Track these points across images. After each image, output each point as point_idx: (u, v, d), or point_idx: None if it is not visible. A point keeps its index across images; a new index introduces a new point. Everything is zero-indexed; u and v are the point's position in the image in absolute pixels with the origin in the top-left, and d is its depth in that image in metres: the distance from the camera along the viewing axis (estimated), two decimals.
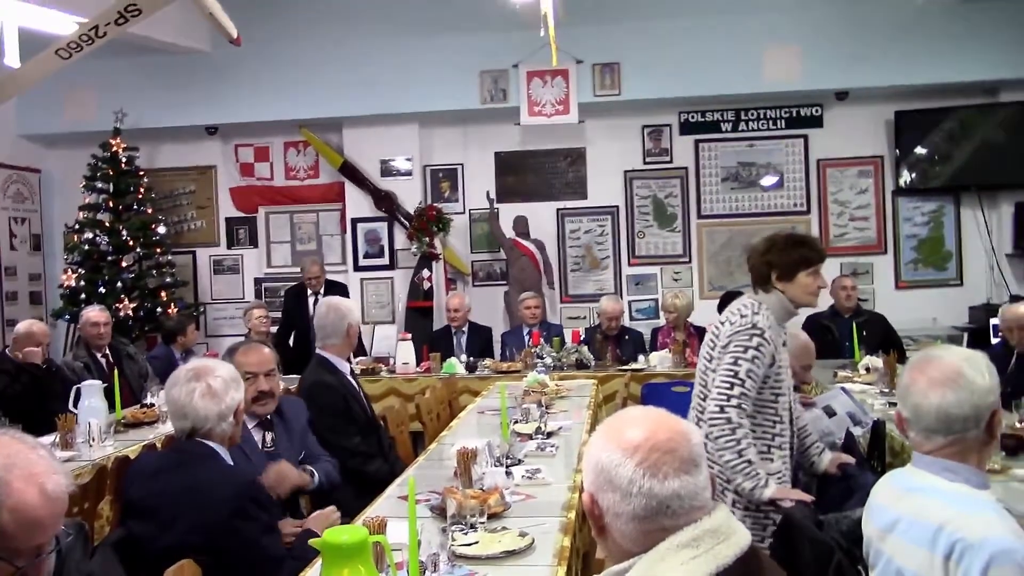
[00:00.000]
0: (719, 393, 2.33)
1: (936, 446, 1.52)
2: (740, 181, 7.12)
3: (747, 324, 2.39)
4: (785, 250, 2.46)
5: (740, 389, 2.31)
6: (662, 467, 1.08)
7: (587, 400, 4.22)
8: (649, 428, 1.12)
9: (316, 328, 3.37)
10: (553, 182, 7.30)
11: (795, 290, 2.46)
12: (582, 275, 7.27)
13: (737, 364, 2.34)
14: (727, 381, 2.33)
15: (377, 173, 7.16)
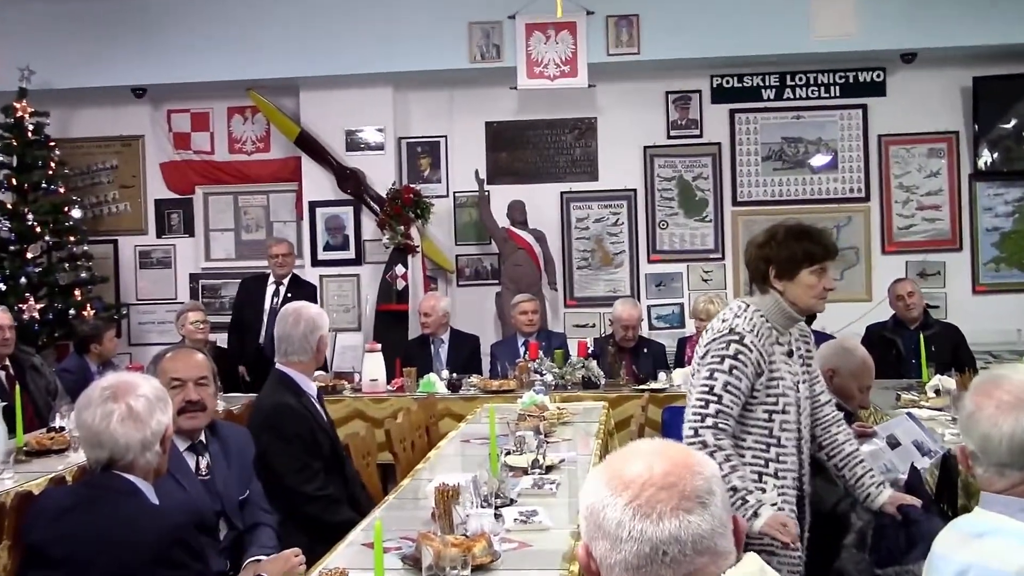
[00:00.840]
0: (693, 413, 2.40)
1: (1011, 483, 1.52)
2: (785, 160, 7.14)
3: (723, 329, 2.45)
4: (785, 243, 2.52)
5: (716, 406, 2.37)
6: (656, 505, 1.08)
7: (596, 427, 4.22)
8: (646, 462, 1.12)
9: (277, 338, 3.32)
10: (557, 160, 7.31)
11: (796, 291, 2.51)
12: (591, 273, 7.28)
13: (712, 377, 2.40)
14: (701, 398, 2.39)
15: (341, 147, 7.16)
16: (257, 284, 6.42)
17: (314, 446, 3.19)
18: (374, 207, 7.04)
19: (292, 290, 6.28)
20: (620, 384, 5.39)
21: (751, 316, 2.49)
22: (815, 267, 2.50)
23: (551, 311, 7.06)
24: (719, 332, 2.46)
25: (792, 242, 2.51)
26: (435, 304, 6.03)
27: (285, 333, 3.29)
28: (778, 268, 2.51)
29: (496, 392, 5.24)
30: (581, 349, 5.54)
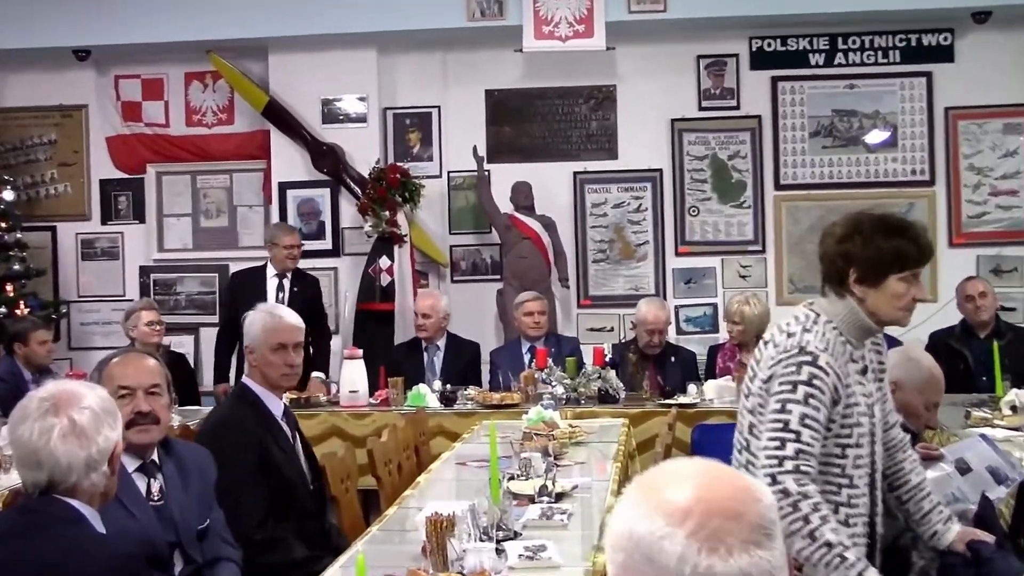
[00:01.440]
0: (768, 457, 2.29)
1: None
2: (836, 137, 7.14)
3: (792, 347, 2.35)
4: (872, 239, 2.40)
5: (795, 445, 2.27)
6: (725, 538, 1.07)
7: (614, 448, 4.21)
8: (701, 484, 1.12)
9: (246, 344, 3.40)
10: (569, 134, 7.31)
11: (880, 300, 2.41)
12: (609, 268, 7.29)
13: (785, 410, 2.30)
14: (776, 436, 2.28)
15: (317, 118, 7.16)
16: (254, 279, 6.26)
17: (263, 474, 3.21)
18: (355, 189, 7.04)
19: (297, 284, 6.26)
20: (643, 398, 5.39)
21: (823, 330, 2.40)
22: (906, 273, 2.39)
23: (562, 312, 7.06)
24: (787, 351, 2.35)
25: (880, 239, 2.39)
26: (435, 304, 6.04)
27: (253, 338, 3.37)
28: (861, 270, 2.40)
29: (497, 407, 5.24)
30: (597, 357, 5.54)
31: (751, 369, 2.47)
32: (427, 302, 6.06)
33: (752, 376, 2.44)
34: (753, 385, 2.43)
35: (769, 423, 2.31)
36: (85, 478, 2.10)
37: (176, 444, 2.90)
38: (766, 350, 2.42)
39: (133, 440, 2.68)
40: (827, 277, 2.48)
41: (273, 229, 6.45)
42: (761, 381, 2.39)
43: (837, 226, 2.48)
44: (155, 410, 2.73)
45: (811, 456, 2.28)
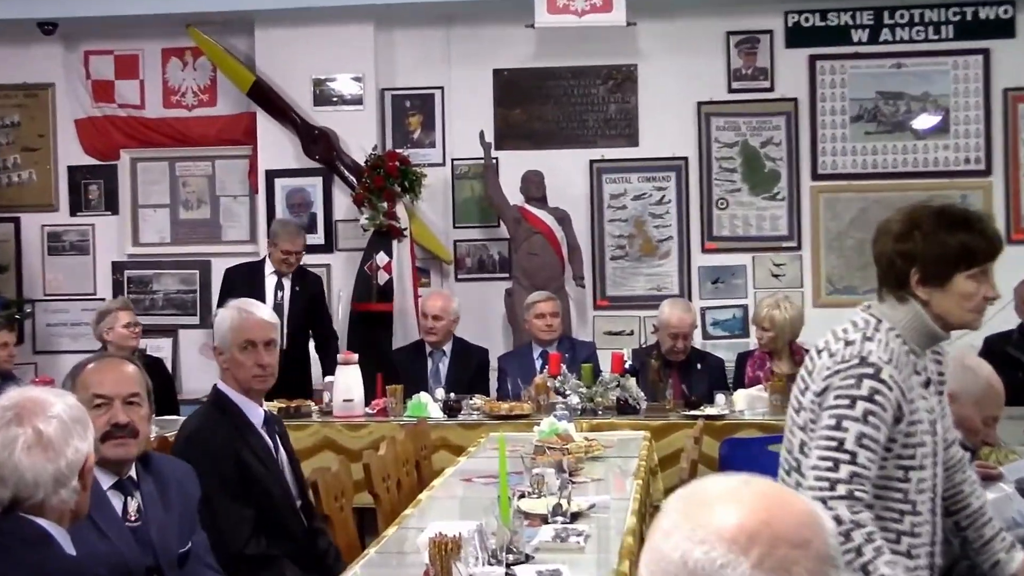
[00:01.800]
0: (818, 478, 2.26)
1: None
2: (881, 122, 7.12)
3: (851, 357, 2.32)
4: (934, 235, 2.37)
5: (849, 468, 2.24)
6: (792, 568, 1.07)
7: (634, 464, 4.21)
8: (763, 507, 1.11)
9: (215, 345, 3.43)
10: (585, 119, 7.30)
11: (947, 302, 2.38)
12: (629, 266, 7.28)
13: (841, 427, 2.27)
14: (828, 457, 2.26)
15: (308, 100, 7.17)
16: (250, 276, 6.28)
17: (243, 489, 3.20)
18: (349, 178, 7.05)
19: (298, 283, 6.29)
20: (666, 409, 5.39)
21: (886, 338, 2.35)
22: (975, 270, 2.36)
23: (576, 314, 7.06)
24: (845, 362, 2.31)
25: (943, 234, 2.35)
26: (446, 305, 6.04)
27: None
28: (924, 270, 2.36)
29: (506, 417, 5.24)
30: (615, 363, 5.53)
31: (801, 380, 2.43)
32: (438, 303, 6.05)
33: (803, 388, 2.41)
34: (804, 399, 2.39)
35: (821, 441, 2.27)
36: (53, 494, 2.09)
37: (156, 459, 2.89)
38: (820, 359, 2.38)
39: (109, 455, 2.67)
40: (885, 280, 2.44)
41: (275, 227, 6.46)
42: (814, 394, 2.35)
43: (893, 222, 2.44)
44: (133, 422, 2.72)
45: (866, 480, 2.25)
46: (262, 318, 3.44)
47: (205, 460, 3.13)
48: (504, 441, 3.13)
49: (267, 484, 3.28)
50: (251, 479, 3.24)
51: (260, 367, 3.37)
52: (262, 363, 3.37)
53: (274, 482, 3.31)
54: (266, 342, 3.39)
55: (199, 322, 7.41)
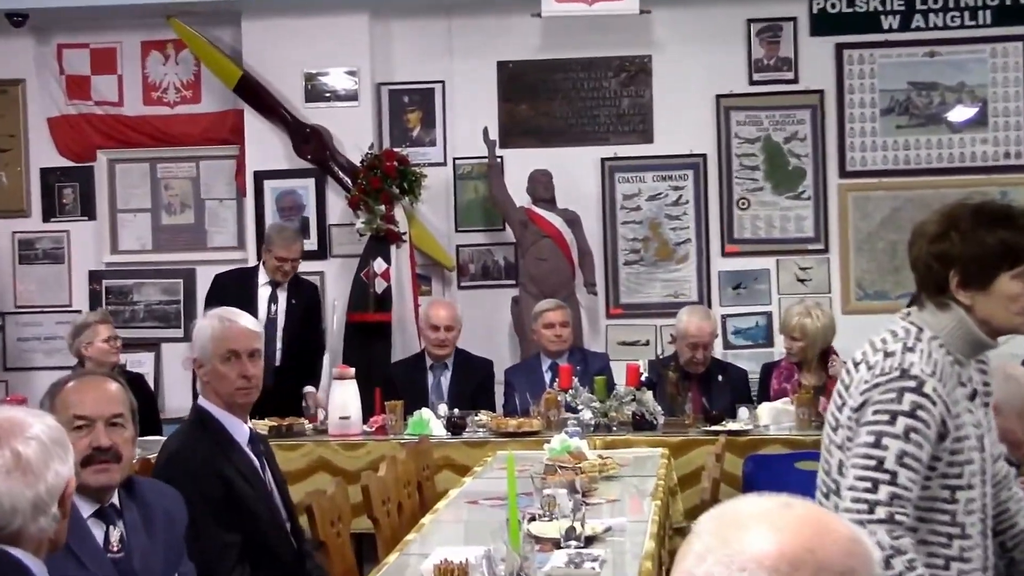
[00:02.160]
0: (856, 500, 2.25)
1: None
2: (913, 114, 7.11)
3: (892, 370, 2.30)
4: (973, 234, 2.36)
5: (890, 489, 2.23)
6: None
7: (652, 483, 4.21)
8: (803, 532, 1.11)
9: (194, 357, 3.44)
10: (596, 114, 7.31)
11: (991, 305, 2.36)
12: (644, 271, 7.27)
13: (880, 445, 2.26)
14: (867, 477, 2.25)
15: (299, 96, 7.18)
16: (242, 284, 6.24)
17: (228, 513, 3.20)
18: (344, 179, 7.05)
19: (295, 295, 6.25)
20: (685, 424, 5.38)
21: (928, 348, 2.34)
22: (1019, 269, 2.34)
23: (588, 323, 7.05)
24: (885, 374, 2.30)
25: (983, 232, 2.34)
26: (454, 314, 6.07)
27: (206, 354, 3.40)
28: (964, 272, 2.35)
29: (514, 435, 5.25)
30: (631, 375, 5.53)
31: (838, 396, 2.41)
32: (446, 312, 6.07)
33: (840, 404, 2.39)
34: (842, 415, 2.37)
35: (859, 459, 2.26)
36: (32, 522, 2.08)
37: (141, 485, 2.87)
38: (857, 372, 2.37)
39: (90, 481, 2.66)
40: (923, 285, 2.43)
41: (270, 232, 6.46)
42: (851, 410, 2.33)
43: (929, 223, 2.44)
44: (117, 445, 2.70)
45: (907, 502, 2.24)
46: (245, 327, 3.43)
47: (187, 481, 3.12)
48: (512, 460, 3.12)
49: (253, 505, 3.27)
50: (236, 500, 3.23)
51: (244, 379, 3.36)
52: (246, 374, 3.36)
53: (261, 503, 3.30)
54: (250, 352, 3.39)
55: (183, 335, 7.37)
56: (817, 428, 5.18)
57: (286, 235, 6.34)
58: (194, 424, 3.38)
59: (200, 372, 3.40)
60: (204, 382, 3.40)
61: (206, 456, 3.25)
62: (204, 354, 3.38)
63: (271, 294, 6.22)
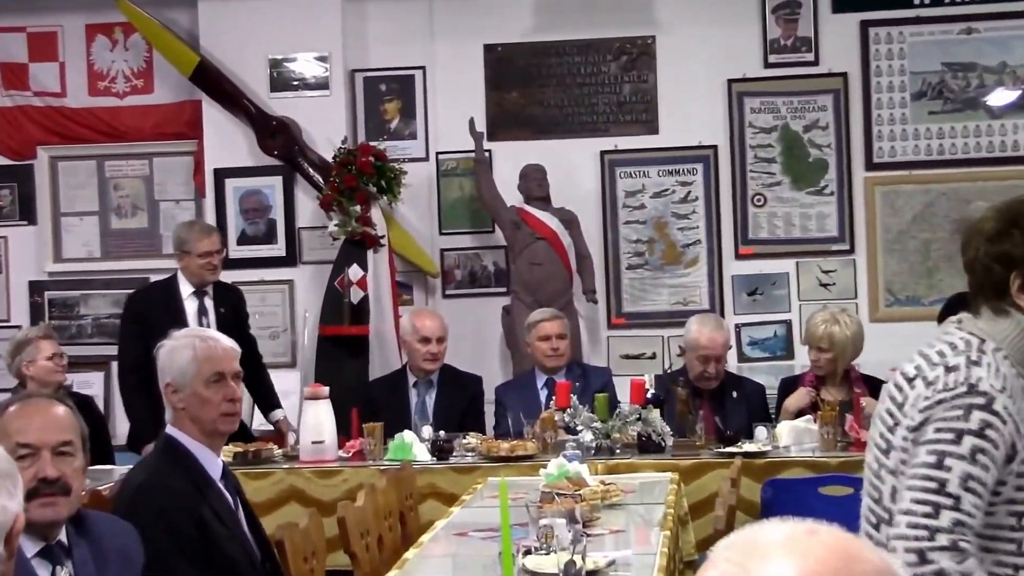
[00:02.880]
0: (913, 525, 2.25)
1: None
2: (948, 99, 7.15)
3: (957, 385, 2.31)
4: None
5: (953, 514, 2.23)
6: None
7: (660, 511, 4.22)
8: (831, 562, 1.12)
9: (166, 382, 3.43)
10: (594, 102, 7.34)
11: None
12: (649, 276, 7.31)
13: (943, 467, 2.26)
14: (927, 501, 2.25)
15: (264, 85, 7.20)
16: (165, 297, 6.06)
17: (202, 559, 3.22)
18: (315, 177, 7.07)
19: (223, 303, 6.13)
20: (697, 445, 5.39)
21: (994, 361, 2.33)
22: None
23: (588, 334, 7.07)
24: (949, 390, 2.30)
25: None
26: (442, 324, 6.08)
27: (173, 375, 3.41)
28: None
29: (506, 459, 5.24)
30: (635, 392, 5.54)
31: (888, 416, 2.40)
32: (433, 322, 6.07)
33: (892, 424, 2.38)
34: (895, 436, 2.36)
35: (918, 481, 2.24)
36: None
37: (92, 520, 2.87)
38: (913, 389, 2.35)
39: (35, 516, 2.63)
40: (980, 289, 2.44)
41: (179, 232, 6.17)
42: (908, 429, 2.33)
43: (986, 220, 2.44)
44: (65, 476, 2.70)
45: (970, 530, 2.24)
46: (229, 346, 3.48)
47: (158, 521, 3.14)
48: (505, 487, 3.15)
49: (230, 548, 3.29)
50: (212, 543, 3.24)
51: (231, 403, 3.39)
52: (234, 397, 3.40)
53: (237, 545, 3.32)
54: (234, 374, 3.43)
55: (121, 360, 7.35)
56: (843, 449, 5.23)
57: (199, 227, 6.24)
58: (164, 455, 3.37)
59: (175, 399, 3.39)
60: (178, 409, 3.39)
61: (180, 493, 3.25)
62: (183, 378, 3.37)
63: (199, 306, 6.05)
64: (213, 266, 6.06)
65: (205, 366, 3.38)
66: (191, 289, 6.06)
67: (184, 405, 3.38)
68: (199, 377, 3.37)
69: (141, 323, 5.94)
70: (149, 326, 5.74)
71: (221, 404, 3.38)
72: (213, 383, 3.38)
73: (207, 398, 3.36)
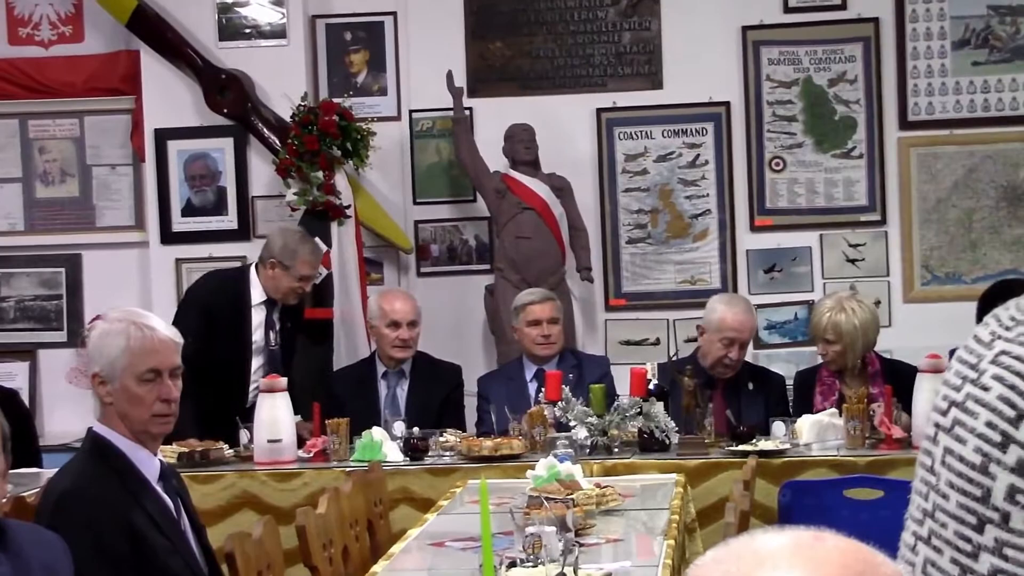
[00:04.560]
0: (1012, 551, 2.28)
1: None
2: (994, 47, 7.16)
3: None
4: None
5: None
6: None
7: (664, 517, 4.24)
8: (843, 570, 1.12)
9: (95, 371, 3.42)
10: (590, 53, 7.34)
11: None
12: (652, 251, 7.32)
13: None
14: None
15: (211, 33, 7.18)
16: (235, 296, 6.03)
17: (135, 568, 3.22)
18: (271, 139, 7.06)
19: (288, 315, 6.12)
20: (706, 443, 5.39)
21: None
22: None
23: (582, 318, 7.08)
24: None
25: None
26: (416, 307, 6.09)
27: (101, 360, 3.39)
28: None
29: (489, 459, 5.26)
30: (636, 383, 5.54)
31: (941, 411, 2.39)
32: (404, 304, 6.08)
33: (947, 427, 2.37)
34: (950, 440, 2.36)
35: None
36: None
37: (14, 530, 2.85)
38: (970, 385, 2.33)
39: None
40: None
41: (291, 240, 6.04)
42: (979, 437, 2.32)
43: None
44: None
45: None
46: (168, 337, 3.43)
47: (84, 532, 3.14)
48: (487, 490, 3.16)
49: (170, 562, 3.28)
50: (148, 556, 3.24)
51: (165, 403, 3.37)
52: (169, 397, 3.37)
53: (177, 557, 3.32)
54: (172, 370, 3.40)
55: (67, 339, 7.39)
56: (872, 447, 5.23)
57: (312, 247, 6.13)
58: (91, 456, 3.36)
59: (102, 391, 3.36)
60: (106, 403, 3.37)
61: (109, 500, 3.25)
62: (111, 369, 3.35)
63: (266, 317, 6.06)
64: (304, 291, 6.14)
65: (138, 359, 3.35)
66: (262, 297, 6.06)
67: (112, 400, 3.36)
68: (130, 371, 3.34)
69: (206, 318, 5.95)
70: (214, 325, 5.89)
71: (154, 405, 3.35)
72: (146, 380, 3.34)
73: (139, 396, 3.34)
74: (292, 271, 5.97)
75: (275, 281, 5.99)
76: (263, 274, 6.02)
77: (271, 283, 6.01)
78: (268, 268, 6.00)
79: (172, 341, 3.45)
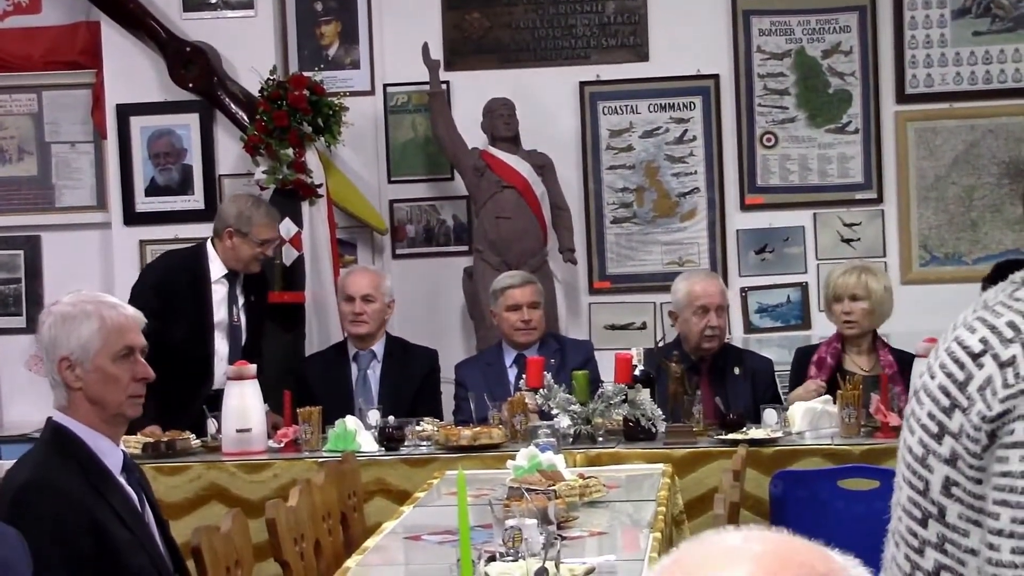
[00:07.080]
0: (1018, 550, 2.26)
1: None
2: (997, 16, 7.17)
3: None
4: None
5: None
6: None
7: (650, 509, 4.25)
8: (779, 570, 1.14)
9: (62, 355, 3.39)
10: (572, 23, 7.33)
11: None
12: (638, 231, 7.33)
13: None
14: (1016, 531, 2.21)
15: (175, 4, 7.15)
16: (192, 274, 6.05)
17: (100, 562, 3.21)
18: (238, 115, 7.05)
19: (250, 289, 6.13)
20: (694, 431, 5.40)
21: None
22: None
23: (565, 302, 7.08)
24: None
25: None
26: (376, 282, 6.07)
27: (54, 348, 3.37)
28: None
29: (467, 449, 5.27)
30: (621, 369, 5.55)
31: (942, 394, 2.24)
32: (363, 279, 6.08)
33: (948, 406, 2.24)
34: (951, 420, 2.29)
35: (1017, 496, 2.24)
36: None
37: None
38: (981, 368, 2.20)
39: None
40: None
41: (244, 206, 6.07)
42: (980, 418, 2.28)
43: None
44: None
45: None
46: (132, 314, 3.45)
47: (46, 526, 3.14)
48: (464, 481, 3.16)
49: (134, 557, 3.28)
50: (112, 551, 3.23)
51: (141, 383, 3.38)
52: (145, 376, 3.39)
53: (142, 553, 3.31)
54: (143, 348, 3.42)
55: (26, 325, 7.36)
56: (868, 435, 5.25)
57: (267, 209, 6.14)
58: (51, 446, 3.34)
59: (70, 376, 3.34)
60: (73, 389, 3.35)
61: (71, 492, 3.24)
62: (84, 352, 3.33)
63: (228, 291, 6.06)
64: (266, 256, 6.12)
65: (113, 338, 3.35)
66: (223, 271, 6.05)
67: (82, 384, 3.35)
68: (105, 351, 3.34)
69: (163, 298, 5.90)
70: (172, 303, 5.86)
71: (130, 385, 3.36)
72: (122, 358, 3.36)
73: (114, 376, 3.34)
74: (251, 236, 5.95)
75: (235, 251, 5.98)
76: (220, 247, 6.02)
77: (231, 254, 6.00)
78: (226, 239, 5.99)
79: (138, 317, 3.47)
